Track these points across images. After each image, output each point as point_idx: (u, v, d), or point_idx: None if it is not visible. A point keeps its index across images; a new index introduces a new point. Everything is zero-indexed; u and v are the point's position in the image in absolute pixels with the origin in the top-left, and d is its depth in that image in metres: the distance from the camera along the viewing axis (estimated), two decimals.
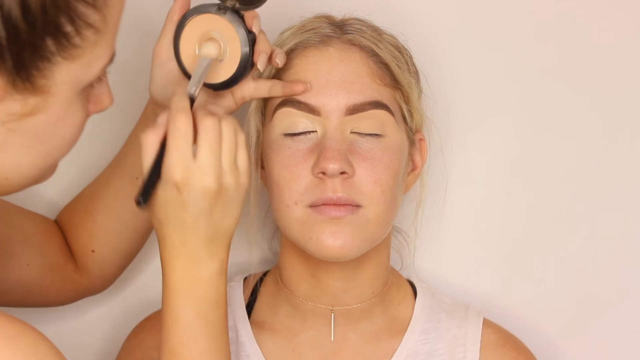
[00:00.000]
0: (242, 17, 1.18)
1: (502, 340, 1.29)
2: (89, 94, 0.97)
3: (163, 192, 1.06)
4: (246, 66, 1.18)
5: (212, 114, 1.08)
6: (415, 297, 1.31)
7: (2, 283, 1.24)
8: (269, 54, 1.20)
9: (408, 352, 1.27)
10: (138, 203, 1.05)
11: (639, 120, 1.44)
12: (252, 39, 1.18)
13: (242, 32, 1.18)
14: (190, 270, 1.07)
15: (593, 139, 1.44)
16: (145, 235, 1.33)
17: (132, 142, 1.28)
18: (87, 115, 0.98)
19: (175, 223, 1.07)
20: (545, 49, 1.42)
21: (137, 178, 1.26)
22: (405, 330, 1.28)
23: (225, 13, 1.18)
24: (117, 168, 1.29)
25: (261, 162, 1.27)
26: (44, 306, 1.33)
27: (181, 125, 1.05)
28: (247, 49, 1.18)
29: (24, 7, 0.87)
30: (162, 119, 1.07)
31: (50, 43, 0.89)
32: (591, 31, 1.43)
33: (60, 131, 0.95)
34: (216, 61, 1.17)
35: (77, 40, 0.91)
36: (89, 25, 0.91)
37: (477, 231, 1.45)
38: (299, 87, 1.20)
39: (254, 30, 1.19)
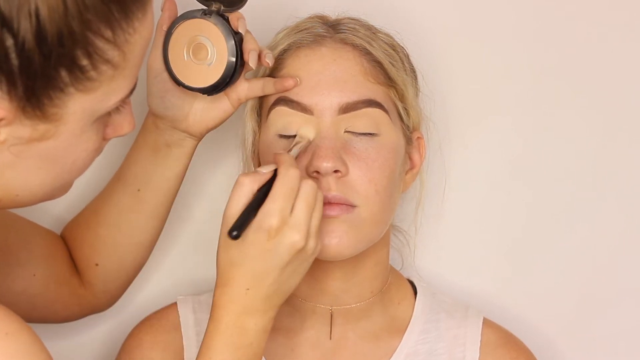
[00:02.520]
0: (227, 20, 1.20)
1: (502, 340, 1.29)
2: (106, 120, 0.98)
3: (252, 236, 1.08)
4: (234, 67, 1.20)
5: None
6: (415, 297, 1.31)
7: (8, 293, 1.24)
8: (258, 51, 1.21)
9: (408, 352, 1.27)
10: (231, 235, 1.07)
11: (638, 120, 1.44)
12: (239, 40, 1.20)
13: (228, 33, 1.19)
14: (241, 319, 1.09)
15: (592, 137, 1.43)
16: (149, 248, 1.33)
17: (133, 155, 1.29)
18: (105, 139, 0.99)
19: (247, 268, 1.08)
20: (545, 47, 1.42)
21: (138, 190, 1.28)
22: (405, 330, 1.28)
23: (210, 17, 1.19)
24: (118, 181, 1.29)
25: (258, 162, 1.27)
26: (50, 321, 1.33)
27: (293, 178, 1.10)
28: (234, 50, 1.19)
29: (40, 37, 0.87)
30: (264, 169, 1.11)
31: (64, 74, 0.89)
32: (591, 30, 1.42)
33: (70, 156, 0.95)
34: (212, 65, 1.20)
35: (92, 74, 0.91)
36: (107, 60, 0.91)
37: (477, 230, 1.45)
38: (289, 82, 1.21)
39: (240, 30, 1.20)
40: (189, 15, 1.21)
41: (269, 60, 1.22)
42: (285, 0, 1.36)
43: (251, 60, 1.20)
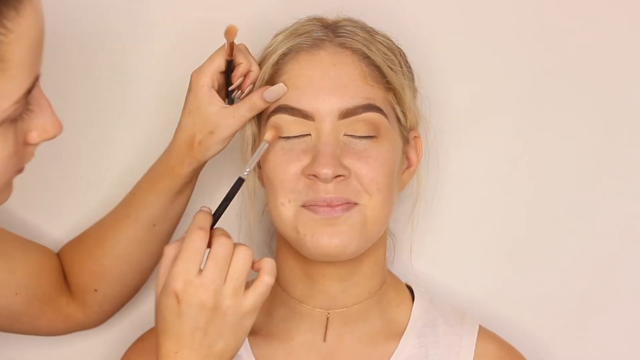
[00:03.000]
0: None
1: (501, 352, 1.28)
2: (22, 126, 0.96)
3: (164, 300, 1.09)
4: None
5: (229, 237, 1.11)
6: (413, 301, 1.30)
7: None
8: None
9: (404, 356, 1.26)
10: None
11: (638, 120, 1.43)
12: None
13: None
14: None
15: (592, 138, 1.42)
16: (149, 272, 1.33)
17: (150, 198, 1.28)
18: (29, 144, 0.98)
19: (171, 332, 1.09)
20: (544, 47, 1.41)
21: (154, 225, 1.28)
22: (402, 334, 1.28)
23: None
24: (129, 218, 1.29)
25: (258, 166, 1.27)
26: (34, 334, 1.33)
27: (196, 240, 1.10)
28: None
29: None
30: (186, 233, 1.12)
31: None
32: (591, 30, 1.41)
33: None
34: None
35: None
36: None
37: (474, 231, 1.44)
38: (280, 90, 1.22)
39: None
40: None
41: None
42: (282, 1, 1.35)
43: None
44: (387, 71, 1.23)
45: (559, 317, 1.43)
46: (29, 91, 0.94)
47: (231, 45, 1.22)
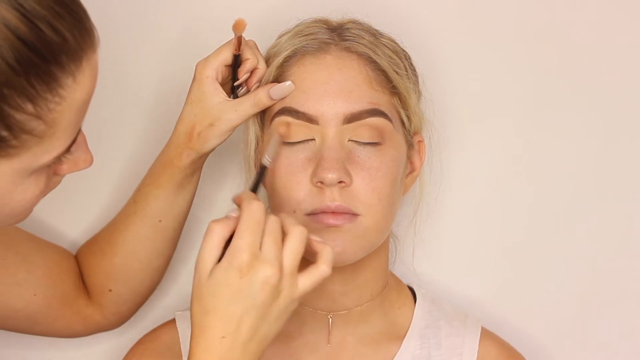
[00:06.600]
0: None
1: (503, 354, 1.29)
2: (54, 164, 0.96)
3: (222, 277, 1.03)
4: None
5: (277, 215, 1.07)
6: (415, 303, 1.31)
7: (8, 309, 1.25)
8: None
9: (407, 357, 1.26)
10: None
11: (638, 120, 1.43)
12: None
13: None
14: None
15: (592, 138, 1.43)
16: (164, 270, 1.33)
17: (154, 192, 1.28)
18: (58, 174, 0.98)
19: (222, 312, 1.03)
20: (546, 48, 1.41)
21: (160, 221, 1.28)
22: (405, 335, 1.28)
23: None
24: (136, 215, 1.28)
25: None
26: (52, 336, 1.33)
27: (257, 210, 1.05)
28: None
29: None
30: (234, 213, 1.07)
31: None
32: (591, 30, 1.42)
33: (8, 204, 0.94)
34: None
35: (14, 142, 0.89)
36: (28, 131, 0.89)
37: (475, 232, 1.44)
38: (287, 89, 1.21)
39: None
40: None
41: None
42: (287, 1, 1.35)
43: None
44: (392, 75, 1.22)
45: (560, 318, 1.43)
46: (71, 145, 0.94)
47: (239, 39, 1.21)
